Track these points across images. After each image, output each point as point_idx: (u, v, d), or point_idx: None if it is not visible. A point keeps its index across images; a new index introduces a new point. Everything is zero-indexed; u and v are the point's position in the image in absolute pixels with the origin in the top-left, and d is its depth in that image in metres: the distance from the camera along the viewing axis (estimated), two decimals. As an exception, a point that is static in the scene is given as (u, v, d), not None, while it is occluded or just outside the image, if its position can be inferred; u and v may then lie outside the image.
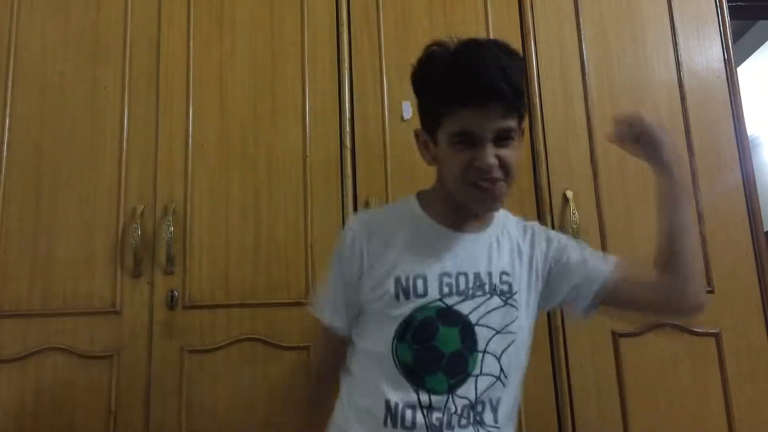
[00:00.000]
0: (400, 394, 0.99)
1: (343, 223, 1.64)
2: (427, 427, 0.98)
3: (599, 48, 1.81)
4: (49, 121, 1.69)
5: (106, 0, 1.76)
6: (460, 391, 1.00)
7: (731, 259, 1.70)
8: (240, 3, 1.77)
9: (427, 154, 1.08)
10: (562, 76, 1.78)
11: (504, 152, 0.99)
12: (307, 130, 1.71)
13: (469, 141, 0.99)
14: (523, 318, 1.05)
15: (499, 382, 1.02)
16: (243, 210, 1.66)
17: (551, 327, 1.62)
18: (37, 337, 1.57)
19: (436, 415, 0.98)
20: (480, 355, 1.01)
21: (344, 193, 1.67)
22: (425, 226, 1.07)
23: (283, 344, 1.58)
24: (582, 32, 1.82)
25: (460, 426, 0.99)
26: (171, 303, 1.59)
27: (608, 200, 1.71)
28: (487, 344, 1.01)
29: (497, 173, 0.99)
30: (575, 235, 1.65)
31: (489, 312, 1.02)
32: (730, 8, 1.89)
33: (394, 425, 0.98)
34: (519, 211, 1.65)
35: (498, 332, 1.02)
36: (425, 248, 1.04)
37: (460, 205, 1.06)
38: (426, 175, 1.67)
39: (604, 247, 1.68)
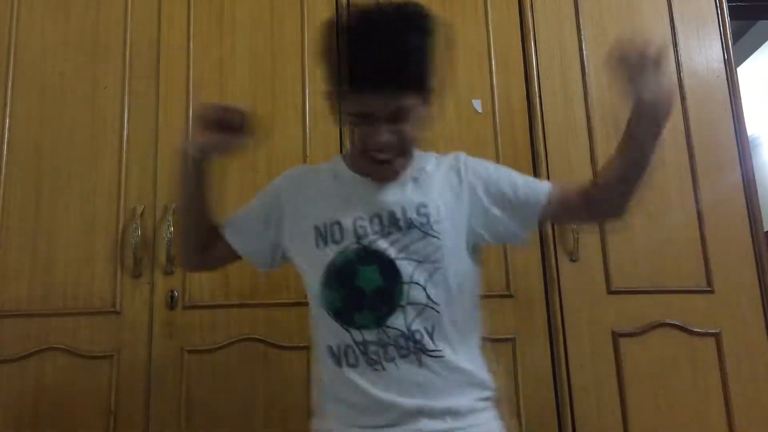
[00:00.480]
0: (337, 338, 1.05)
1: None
2: (365, 362, 1.03)
3: (599, 48, 1.81)
4: (49, 121, 1.69)
5: (106, 0, 1.77)
6: (389, 323, 1.03)
7: (731, 259, 1.70)
8: (240, 3, 1.77)
9: (335, 112, 1.12)
10: (562, 76, 1.78)
11: (402, 127, 1.02)
12: (307, 130, 1.71)
13: (363, 122, 1.03)
14: (449, 245, 1.07)
15: (429, 310, 1.05)
16: (243, 210, 1.65)
17: (551, 327, 1.63)
18: (37, 337, 1.57)
19: (372, 348, 1.03)
20: (405, 286, 1.04)
21: (344, 193, 1.67)
22: (346, 178, 1.12)
23: (283, 344, 1.58)
24: (582, 32, 1.82)
25: (400, 356, 1.03)
26: (171, 303, 1.59)
27: (608, 200, 1.71)
28: (411, 275, 1.04)
29: (391, 149, 1.04)
30: (575, 234, 1.65)
31: (409, 245, 1.05)
32: (730, 8, 1.89)
33: (340, 365, 1.04)
34: (519, 211, 1.68)
35: (421, 262, 1.05)
36: (343, 197, 1.10)
37: None
38: (426, 175, 1.68)
39: (604, 247, 1.68)
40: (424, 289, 1.05)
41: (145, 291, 1.60)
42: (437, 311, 1.05)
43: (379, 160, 1.05)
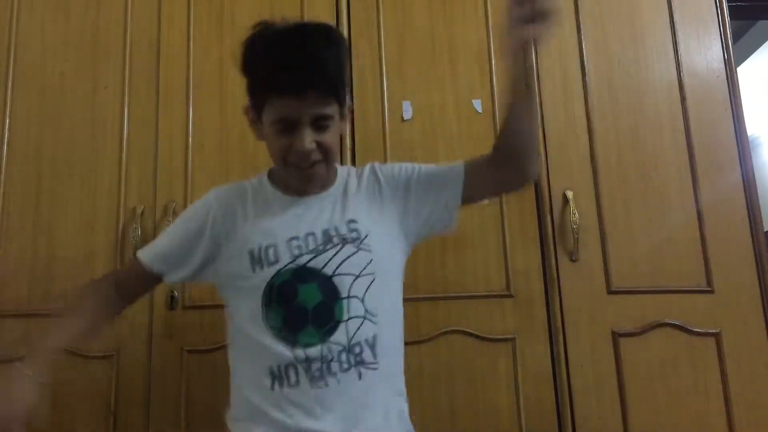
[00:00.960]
0: (278, 357, 1.04)
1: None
2: (309, 379, 1.03)
3: (599, 48, 1.81)
4: (49, 121, 1.69)
5: (106, 0, 1.77)
6: (333, 338, 1.05)
7: (731, 259, 1.70)
8: (240, 3, 1.77)
9: (257, 131, 1.13)
10: (562, 76, 1.78)
11: (323, 136, 1.06)
12: (307, 130, 1.71)
13: (288, 127, 1.05)
14: (380, 256, 1.10)
15: (368, 322, 1.07)
16: (243, 210, 1.65)
17: (551, 327, 1.63)
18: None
19: (315, 366, 1.04)
20: (345, 301, 1.06)
21: (344, 193, 1.67)
22: (272, 197, 1.14)
23: (283, 344, 1.58)
24: (582, 32, 1.82)
25: (342, 370, 1.04)
26: (171, 303, 1.59)
27: (608, 200, 1.71)
28: (349, 290, 1.07)
29: (315, 156, 1.06)
30: (575, 235, 1.65)
31: (344, 261, 1.08)
32: (730, 8, 1.89)
33: (281, 386, 1.04)
34: (519, 211, 1.68)
35: (357, 276, 1.08)
36: (273, 217, 1.11)
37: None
38: (426, 175, 1.68)
39: (604, 247, 1.68)
40: (362, 302, 1.07)
41: (145, 291, 1.60)
42: (375, 323, 1.07)
43: (303, 168, 1.07)
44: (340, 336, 1.05)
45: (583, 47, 1.81)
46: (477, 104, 1.74)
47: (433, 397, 1.57)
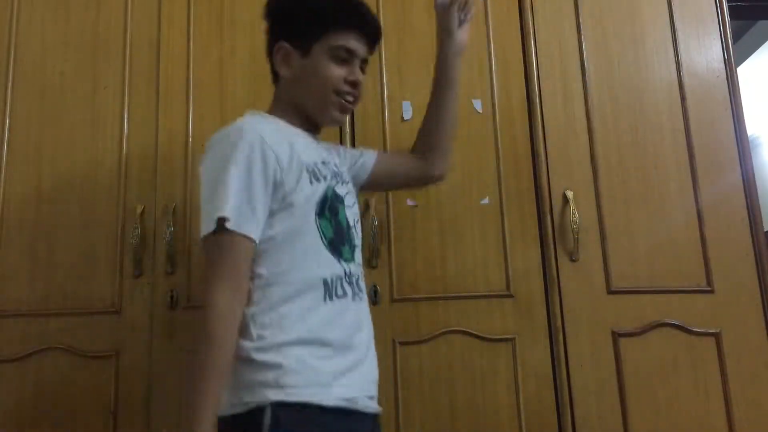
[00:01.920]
0: (330, 269, 1.09)
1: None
2: (352, 293, 1.11)
3: (599, 48, 1.81)
4: (49, 121, 1.69)
5: (106, 0, 1.77)
6: (356, 259, 1.17)
7: (731, 259, 1.70)
8: (240, 3, 1.77)
9: (286, 66, 1.20)
10: (562, 76, 1.78)
11: (362, 78, 1.21)
12: (307, 130, 1.71)
13: (346, 58, 1.18)
14: (356, 201, 1.26)
15: (359, 250, 1.20)
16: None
17: (551, 327, 1.63)
18: (37, 337, 1.57)
19: (354, 280, 1.13)
20: (353, 229, 1.18)
21: (344, 193, 1.67)
22: (295, 131, 1.20)
23: (283, 344, 1.58)
24: (582, 32, 1.82)
25: (359, 290, 1.15)
26: (171, 303, 1.59)
27: (608, 200, 1.71)
28: (354, 220, 1.20)
29: (358, 91, 1.21)
30: (575, 235, 1.65)
31: (348, 193, 1.21)
32: (730, 8, 1.89)
33: (331, 298, 1.08)
34: (519, 211, 1.68)
35: (351, 209, 1.20)
36: (307, 145, 1.19)
37: (310, 117, 1.22)
38: (426, 175, 1.67)
39: (604, 247, 1.68)
40: (357, 232, 1.20)
41: (146, 291, 1.60)
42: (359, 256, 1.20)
43: (350, 94, 1.19)
44: (358, 258, 1.18)
45: (583, 47, 1.81)
46: (477, 104, 1.74)
47: (433, 397, 1.57)
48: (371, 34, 1.21)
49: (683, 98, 1.79)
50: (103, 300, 1.59)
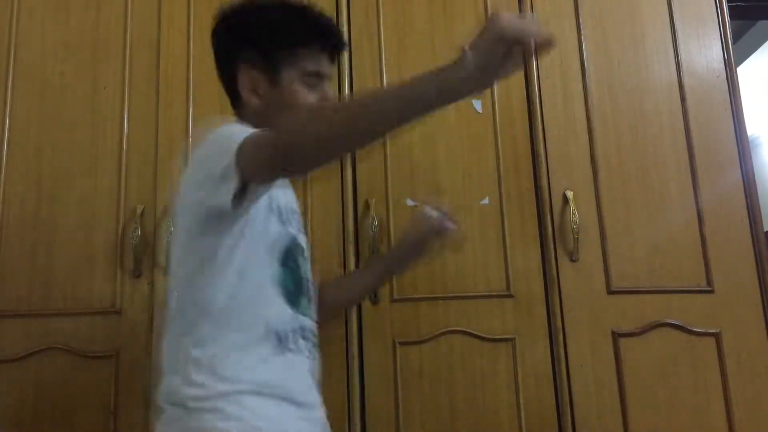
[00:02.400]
0: (283, 321, 1.00)
1: (344, 224, 1.65)
2: (306, 348, 1.03)
3: (599, 48, 1.81)
4: (49, 121, 1.69)
5: (106, 0, 1.76)
6: (313, 314, 1.08)
7: (731, 259, 1.70)
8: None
9: (255, 95, 1.08)
10: (562, 76, 1.78)
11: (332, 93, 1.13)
12: (307, 130, 1.71)
13: (318, 81, 1.08)
14: None
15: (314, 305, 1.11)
16: (243, 210, 1.65)
17: (551, 327, 1.62)
18: (37, 337, 1.57)
19: (308, 335, 1.05)
20: (310, 282, 1.11)
21: (344, 193, 1.67)
22: None
23: (283, 344, 1.58)
24: (582, 32, 1.82)
25: (314, 346, 1.06)
26: (171, 303, 1.59)
27: (608, 200, 1.71)
28: (307, 271, 1.11)
29: None
30: (575, 235, 1.65)
31: (306, 245, 1.13)
32: (730, 8, 1.89)
33: (283, 352, 0.98)
34: (519, 211, 1.68)
35: (306, 261, 1.12)
36: (284, 184, 1.10)
37: None
38: (426, 174, 1.68)
39: (604, 247, 1.68)
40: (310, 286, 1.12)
41: (145, 291, 1.60)
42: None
43: None
44: (314, 314, 1.09)
45: (583, 47, 1.81)
46: (477, 104, 1.74)
47: (433, 397, 1.57)
48: (340, 51, 1.13)
49: (683, 98, 1.79)
50: (103, 300, 1.59)
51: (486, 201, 1.68)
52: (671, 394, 1.61)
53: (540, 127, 1.74)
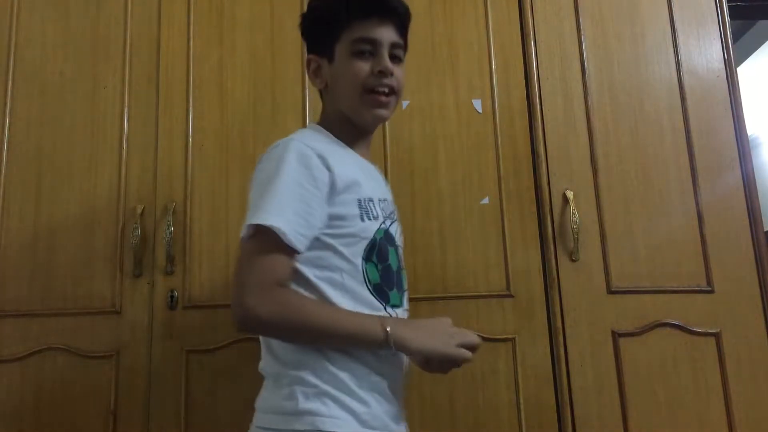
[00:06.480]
0: (375, 313, 1.02)
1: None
2: None
3: (599, 48, 1.81)
4: (49, 121, 1.69)
5: (106, 0, 1.77)
6: (405, 305, 1.10)
7: (731, 259, 1.70)
8: (240, 3, 1.77)
9: (319, 79, 1.14)
10: (562, 76, 1.78)
11: (396, 69, 1.09)
12: (307, 130, 1.71)
13: (370, 50, 1.07)
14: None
15: (407, 294, 1.13)
16: (243, 210, 1.64)
17: (551, 327, 1.62)
18: (37, 337, 1.57)
19: None
20: (404, 272, 1.12)
21: (344, 193, 1.67)
22: (350, 154, 1.12)
23: (283, 344, 1.58)
24: (582, 32, 1.82)
25: None
26: (171, 303, 1.59)
27: (608, 200, 1.71)
28: (403, 262, 1.13)
29: (392, 82, 1.08)
30: (575, 235, 1.65)
31: (400, 233, 1.14)
32: (730, 8, 1.89)
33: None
34: (519, 211, 1.68)
35: (400, 251, 1.13)
36: (362, 173, 1.09)
37: (356, 124, 1.12)
38: (426, 175, 1.68)
39: (603, 247, 1.68)
40: (405, 274, 1.13)
41: (145, 291, 1.60)
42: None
43: (383, 85, 1.07)
44: (406, 304, 1.11)
45: (583, 47, 1.81)
46: (477, 104, 1.74)
47: (433, 397, 1.57)
48: (394, 14, 1.09)
49: (683, 98, 1.79)
50: (103, 300, 1.60)
51: (486, 201, 1.68)
52: (671, 394, 1.61)
53: (540, 127, 1.74)
